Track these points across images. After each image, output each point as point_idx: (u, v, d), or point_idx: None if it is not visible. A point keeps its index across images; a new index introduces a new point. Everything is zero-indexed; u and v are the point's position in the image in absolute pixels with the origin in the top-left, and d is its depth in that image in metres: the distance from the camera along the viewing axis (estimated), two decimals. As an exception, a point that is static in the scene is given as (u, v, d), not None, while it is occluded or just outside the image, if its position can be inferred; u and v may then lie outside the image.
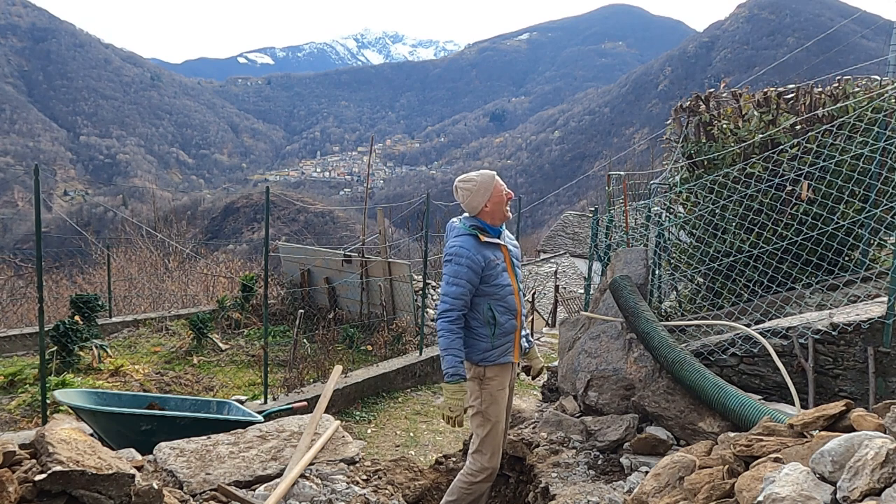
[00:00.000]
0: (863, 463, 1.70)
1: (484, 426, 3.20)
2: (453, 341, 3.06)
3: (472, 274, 3.10)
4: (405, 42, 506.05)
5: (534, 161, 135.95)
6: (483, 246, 3.15)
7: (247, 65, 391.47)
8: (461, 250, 3.12)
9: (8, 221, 71.02)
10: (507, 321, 3.19)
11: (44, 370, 5.38)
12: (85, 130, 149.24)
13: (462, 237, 3.18)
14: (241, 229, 73.39)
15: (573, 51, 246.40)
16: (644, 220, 5.77)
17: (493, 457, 3.21)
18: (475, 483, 3.20)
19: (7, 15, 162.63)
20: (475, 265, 3.10)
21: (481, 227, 3.20)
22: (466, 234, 3.18)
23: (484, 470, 3.19)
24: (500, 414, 3.24)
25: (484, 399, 3.19)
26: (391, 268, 9.96)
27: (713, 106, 5.16)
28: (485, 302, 3.15)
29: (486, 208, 3.17)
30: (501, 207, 3.19)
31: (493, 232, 3.22)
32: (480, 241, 3.15)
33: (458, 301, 3.09)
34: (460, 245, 3.14)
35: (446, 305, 3.11)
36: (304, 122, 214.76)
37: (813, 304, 4.20)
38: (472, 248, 3.12)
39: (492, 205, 3.16)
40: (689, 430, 3.56)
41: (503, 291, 3.18)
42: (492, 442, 3.20)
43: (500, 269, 3.20)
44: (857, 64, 9.21)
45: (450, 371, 3.03)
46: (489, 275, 3.15)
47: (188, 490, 3.19)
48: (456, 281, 3.10)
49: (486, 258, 3.14)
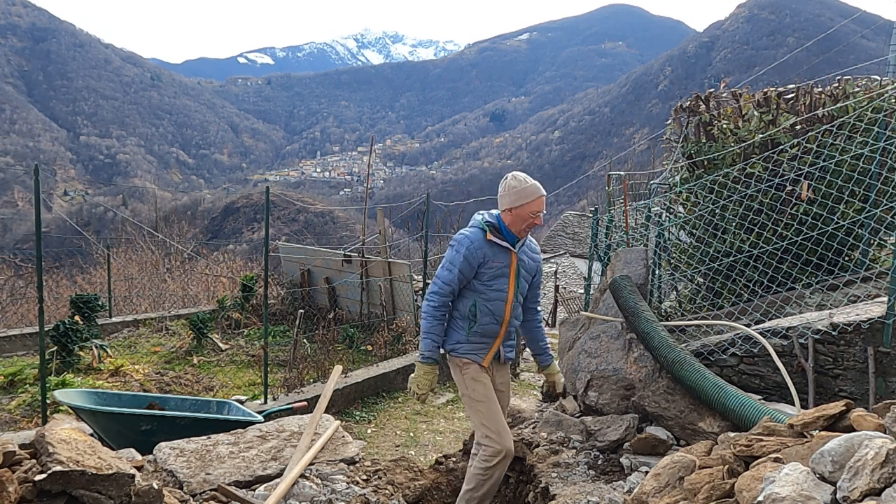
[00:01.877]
0: (863, 463, 1.70)
1: (477, 408, 3.20)
2: (434, 326, 3.19)
3: (467, 265, 3.14)
4: (405, 42, 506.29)
5: (534, 161, 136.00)
6: (488, 244, 3.16)
7: (247, 65, 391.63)
8: (464, 239, 3.17)
9: (8, 221, 71.00)
10: (488, 324, 3.22)
11: (44, 370, 5.38)
12: (85, 130, 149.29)
13: (472, 229, 3.22)
14: (241, 229, 73.41)
15: (573, 51, 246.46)
16: (644, 220, 5.77)
17: (500, 436, 3.15)
18: (490, 467, 3.14)
19: (7, 15, 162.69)
20: (472, 258, 3.13)
21: (496, 226, 3.20)
22: (477, 227, 3.21)
23: (497, 453, 3.13)
24: (488, 393, 3.23)
25: (467, 384, 3.24)
26: (391, 268, 9.96)
27: (713, 106, 5.16)
28: (472, 297, 3.20)
29: (509, 213, 3.16)
30: (520, 224, 3.15)
31: (508, 236, 3.20)
32: (487, 238, 3.16)
33: (446, 287, 3.17)
34: (465, 235, 3.19)
35: (435, 287, 3.20)
36: (304, 122, 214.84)
37: (813, 304, 4.20)
38: (475, 241, 3.15)
39: (513, 215, 3.15)
40: (689, 430, 3.56)
41: (493, 294, 3.20)
42: (492, 421, 3.17)
43: (499, 272, 3.19)
44: (857, 64, 9.20)
45: (424, 353, 3.20)
46: (483, 273, 3.17)
47: (188, 490, 3.19)
48: (449, 267, 3.17)
49: (486, 256, 3.15)
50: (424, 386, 3.22)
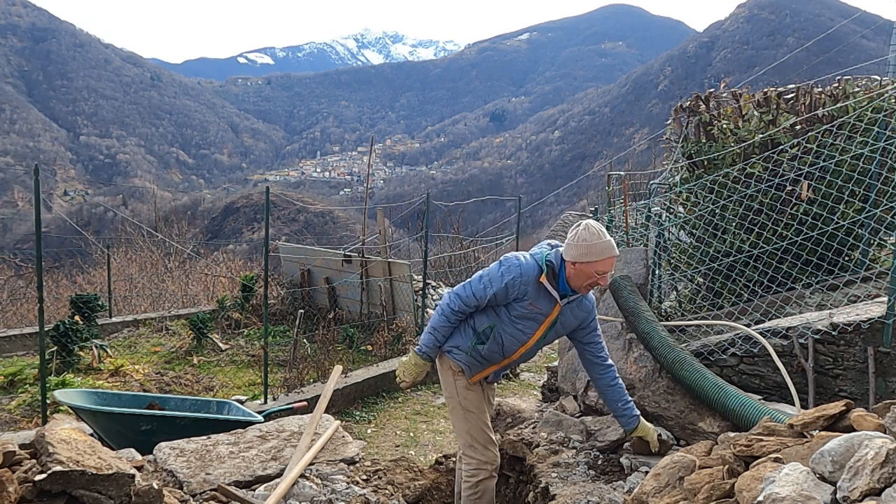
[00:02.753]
0: (863, 463, 1.70)
1: (467, 417, 3.16)
2: (442, 325, 3.09)
3: (504, 293, 2.95)
4: (405, 42, 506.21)
5: (534, 161, 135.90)
6: (537, 285, 2.95)
7: (247, 65, 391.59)
8: (514, 268, 2.95)
9: (8, 221, 71.00)
10: (494, 352, 3.10)
11: (44, 370, 5.38)
12: (85, 130, 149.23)
13: (529, 260, 2.99)
14: (241, 229, 73.38)
15: (573, 51, 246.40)
16: (644, 220, 5.78)
17: (486, 449, 3.13)
18: (480, 482, 3.12)
19: (7, 15, 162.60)
20: (513, 289, 2.94)
21: (556, 271, 2.96)
22: (536, 261, 2.98)
23: (482, 466, 3.11)
24: (479, 401, 3.20)
25: (459, 391, 3.18)
26: (391, 268, 9.96)
27: (713, 106, 5.16)
28: (493, 321, 3.05)
29: (571, 267, 2.91)
30: (581, 281, 2.91)
31: (562, 287, 2.97)
32: (540, 279, 2.94)
33: (471, 299, 3.01)
34: (519, 264, 2.97)
35: (463, 293, 3.02)
36: (304, 122, 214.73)
37: (813, 304, 4.20)
38: (525, 276, 2.93)
39: (577, 270, 2.89)
40: (689, 430, 3.56)
41: (512, 330, 3.03)
42: (478, 432, 3.14)
43: (531, 316, 3.00)
44: (857, 64, 9.20)
45: (423, 347, 3.14)
46: (515, 307, 2.98)
47: (188, 490, 3.19)
48: (487, 283, 2.98)
49: (528, 295, 2.95)
50: (409, 376, 3.16)
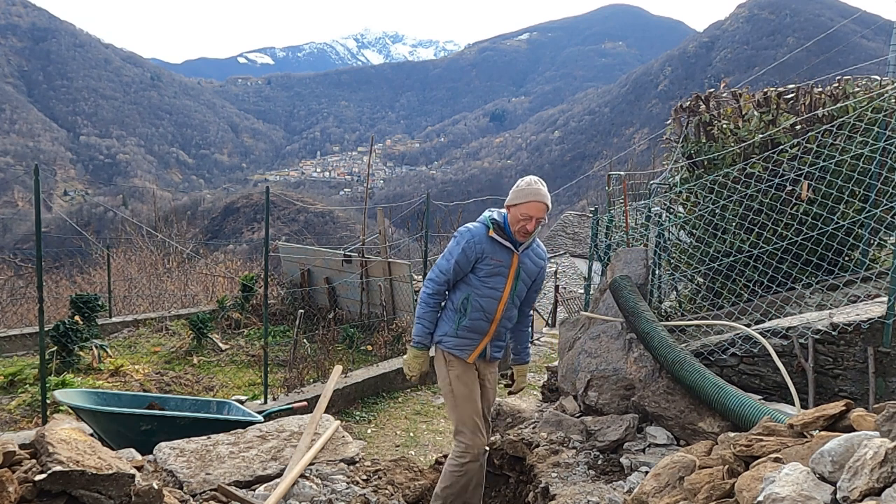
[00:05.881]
0: (862, 463, 1.70)
1: (456, 404, 3.25)
2: (427, 313, 3.28)
3: (464, 257, 3.18)
4: (405, 42, 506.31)
5: (534, 161, 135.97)
6: (489, 240, 3.19)
7: (247, 65, 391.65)
8: (466, 232, 3.22)
9: (8, 221, 71.00)
10: (478, 320, 3.25)
11: (44, 370, 5.38)
12: (85, 130, 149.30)
13: (476, 223, 3.26)
14: (241, 229, 73.45)
15: (573, 51, 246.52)
16: (644, 220, 5.77)
17: (474, 435, 3.22)
18: (464, 464, 3.20)
19: (7, 15, 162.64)
20: (470, 251, 3.17)
21: (500, 224, 3.21)
22: (481, 222, 3.25)
23: (468, 450, 3.20)
24: (470, 392, 3.27)
25: (451, 381, 3.28)
26: (391, 268, 9.96)
27: (713, 106, 5.16)
28: (466, 291, 3.24)
29: (509, 213, 3.19)
30: (514, 225, 3.16)
31: (511, 236, 3.21)
32: (489, 234, 3.19)
33: (441, 275, 3.23)
34: (468, 228, 3.24)
35: (431, 275, 3.28)
36: (304, 122, 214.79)
37: (813, 304, 4.20)
38: (476, 236, 3.18)
39: (511, 214, 3.17)
40: (689, 430, 3.56)
41: (487, 291, 3.22)
42: (467, 419, 3.22)
43: (496, 270, 3.20)
44: (857, 64, 9.20)
45: (415, 338, 3.30)
46: (481, 268, 3.20)
47: (188, 490, 3.19)
48: (448, 257, 3.23)
49: (485, 252, 3.18)
50: (414, 368, 3.33)
